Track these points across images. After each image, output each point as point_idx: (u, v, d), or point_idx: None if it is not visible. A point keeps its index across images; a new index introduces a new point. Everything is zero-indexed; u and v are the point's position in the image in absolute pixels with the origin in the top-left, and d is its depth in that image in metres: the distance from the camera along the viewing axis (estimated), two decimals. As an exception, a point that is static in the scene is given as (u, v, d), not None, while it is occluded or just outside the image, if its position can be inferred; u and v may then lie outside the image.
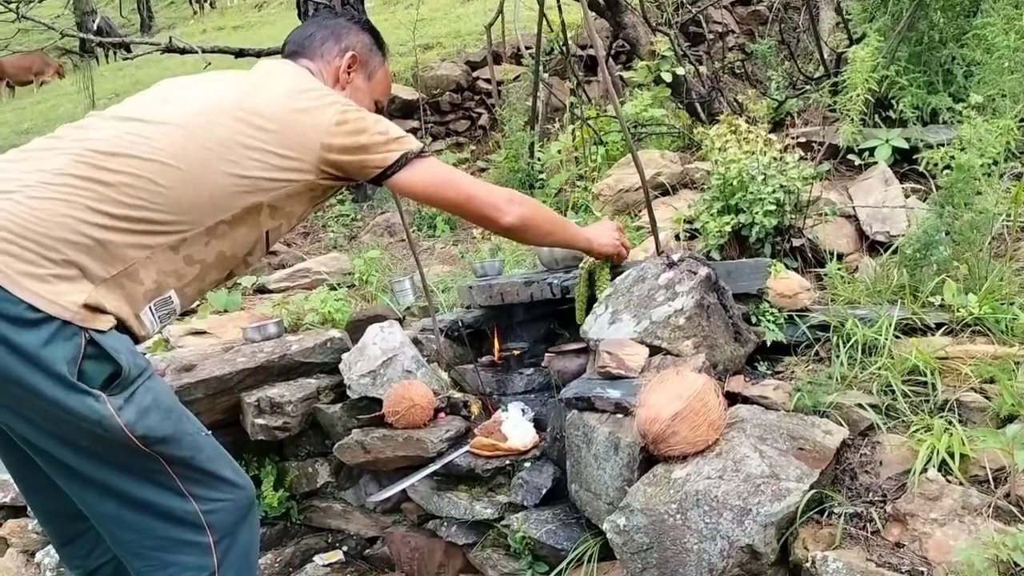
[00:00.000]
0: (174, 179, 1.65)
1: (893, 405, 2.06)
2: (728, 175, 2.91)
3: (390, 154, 1.82)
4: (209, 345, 3.29)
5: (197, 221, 1.68)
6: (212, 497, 1.71)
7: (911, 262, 2.60)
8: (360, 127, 1.80)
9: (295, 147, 1.75)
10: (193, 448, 1.68)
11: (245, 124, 1.73)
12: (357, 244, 5.28)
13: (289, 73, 1.92)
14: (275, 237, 1.85)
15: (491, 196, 1.94)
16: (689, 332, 2.30)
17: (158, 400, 1.64)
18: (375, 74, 2.09)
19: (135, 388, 1.60)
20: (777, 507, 1.73)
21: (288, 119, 1.76)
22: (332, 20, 2.08)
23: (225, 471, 1.75)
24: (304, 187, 1.79)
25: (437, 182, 1.88)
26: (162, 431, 1.62)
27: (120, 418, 1.55)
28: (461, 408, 2.84)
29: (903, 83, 3.50)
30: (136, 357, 1.63)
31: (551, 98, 5.82)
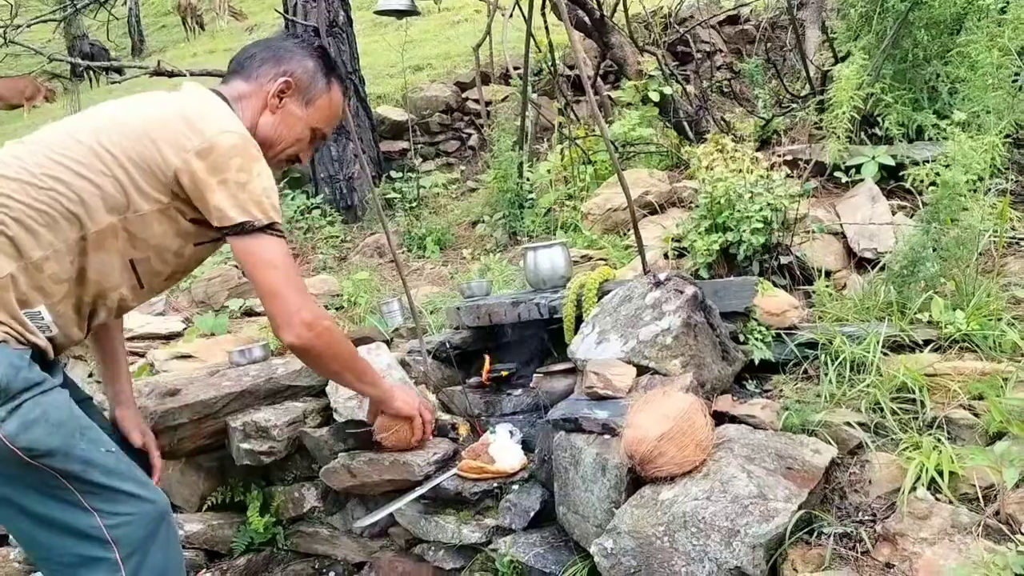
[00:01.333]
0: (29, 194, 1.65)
1: (882, 423, 2.05)
2: (715, 193, 2.91)
3: (234, 213, 1.72)
4: (194, 369, 3.26)
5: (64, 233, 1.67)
6: (115, 511, 1.68)
7: (898, 279, 2.59)
8: (223, 164, 1.72)
9: (149, 165, 1.71)
10: (84, 463, 1.66)
11: (107, 140, 1.72)
12: (346, 265, 5.26)
13: (193, 96, 1.86)
14: (146, 272, 1.80)
15: (291, 307, 1.77)
16: (676, 351, 2.29)
17: (47, 414, 1.62)
18: (315, 101, 1.99)
19: (21, 401, 1.59)
20: (765, 528, 1.70)
21: (152, 136, 1.72)
22: (280, 42, 2.01)
23: (126, 485, 1.71)
24: (160, 214, 1.74)
25: (257, 260, 1.75)
26: (47, 444, 1.60)
27: (1, 430, 1.55)
28: (449, 430, 2.81)
29: (888, 100, 3.52)
30: (22, 371, 1.61)
31: (540, 118, 5.84)
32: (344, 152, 6.24)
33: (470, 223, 5.54)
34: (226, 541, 2.99)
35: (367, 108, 6.62)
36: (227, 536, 3.00)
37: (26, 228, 1.64)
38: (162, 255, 1.80)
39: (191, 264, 1.93)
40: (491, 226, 4.95)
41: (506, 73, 6.98)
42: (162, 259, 1.81)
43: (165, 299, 4.44)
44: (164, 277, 1.86)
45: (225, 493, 3.06)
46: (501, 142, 4.90)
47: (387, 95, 7.78)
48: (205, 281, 4.40)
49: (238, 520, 3.04)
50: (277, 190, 1.83)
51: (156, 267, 1.81)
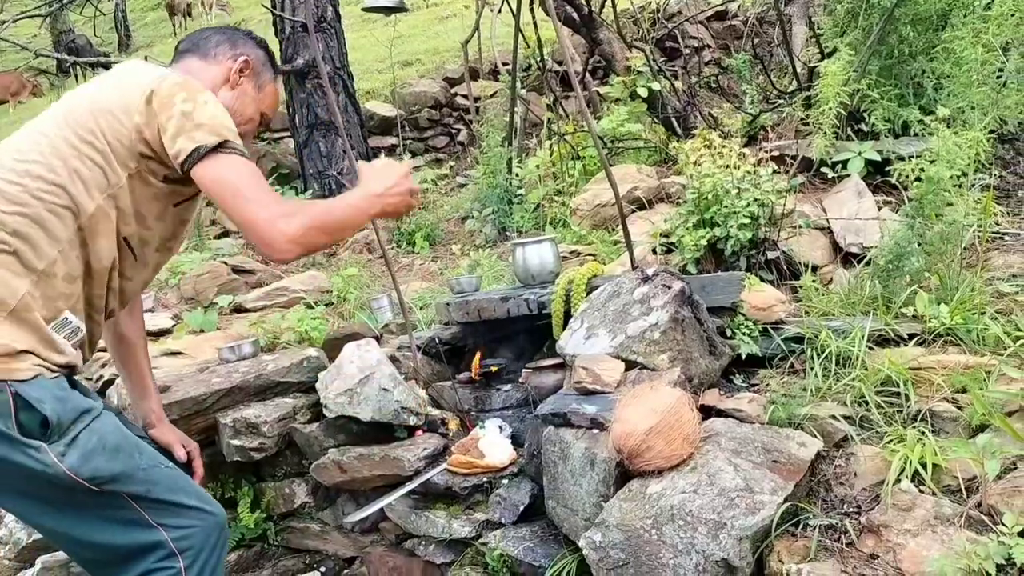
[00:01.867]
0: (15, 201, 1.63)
1: (867, 416, 2.07)
2: (703, 189, 2.92)
3: (185, 143, 1.67)
4: (184, 366, 3.25)
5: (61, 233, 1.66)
6: (180, 524, 1.72)
7: (884, 273, 2.62)
8: (168, 102, 1.70)
9: (113, 134, 1.71)
10: (147, 482, 1.69)
11: (69, 126, 1.72)
12: (336, 261, 5.26)
13: (139, 69, 1.86)
14: (137, 244, 1.80)
15: (268, 232, 1.68)
16: (664, 346, 2.30)
17: (104, 440, 1.64)
18: (265, 87, 2.06)
19: (77, 432, 1.61)
20: (752, 520, 1.72)
21: (108, 108, 1.72)
22: (231, 31, 2.07)
23: (189, 499, 1.76)
24: (134, 180, 1.73)
25: (222, 188, 1.69)
26: (110, 471, 1.63)
27: (63, 464, 1.57)
28: (439, 425, 2.82)
29: (874, 96, 3.54)
30: (69, 401, 1.62)
31: (528, 114, 5.85)
32: (333, 148, 6.24)
33: (459, 219, 5.54)
34: (217, 537, 2.99)
35: (355, 104, 6.61)
36: (218, 532, 2.99)
37: (23, 238, 1.63)
38: (145, 222, 1.79)
39: (176, 229, 1.90)
40: (480, 222, 4.96)
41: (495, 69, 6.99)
42: (146, 226, 1.79)
43: (154, 296, 4.43)
44: (155, 247, 1.85)
45: (215, 489, 3.05)
46: (490, 138, 4.91)
47: (375, 91, 7.77)
48: (194, 277, 4.39)
49: (228, 516, 3.02)
50: (229, 116, 1.78)
51: (144, 236, 1.80)
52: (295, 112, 6.39)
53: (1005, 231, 3.03)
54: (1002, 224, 3.07)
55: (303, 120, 6.30)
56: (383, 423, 2.77)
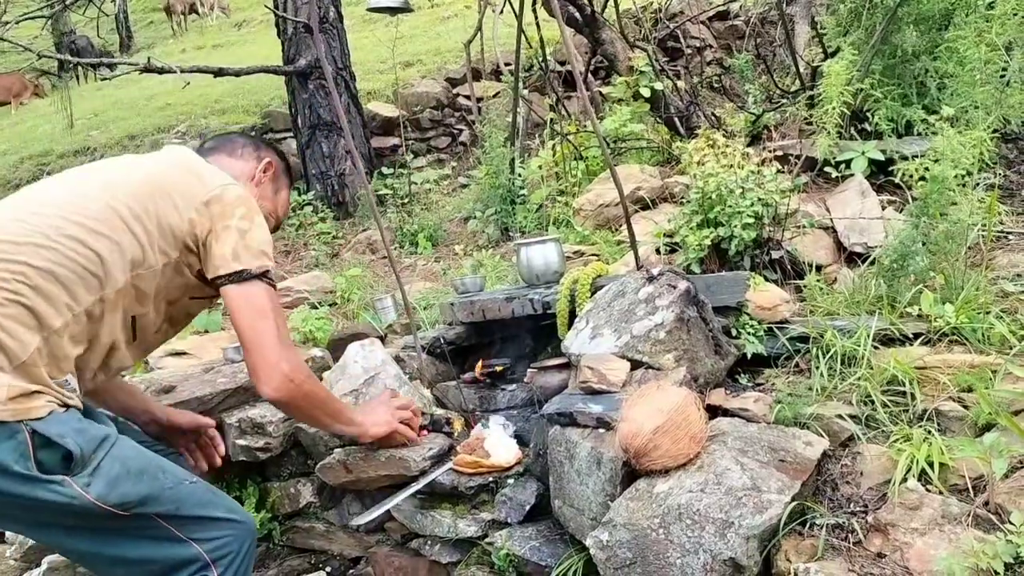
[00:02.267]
0: (46, 258, 1.64)
1: (873, 415, 2.08)
2: (707, 189, 2.93)
3: (233, 260, 1.76)
4: (189, 366, 3.26)
5: (78, 298, 1.67)
6: (212, 536, 1.75)
7: (888, 273, 2.62)
8: (228, 212, 1.79)
9: (165, 218, 1.75)
10: (175, 501, 1.71)
11: (121, 195, 1.74)
12: (339, 262, 5.27)
13: (189, 154, 1.94)
14: (143, 326, 1.82)
15: (272, 359, 1.79)
16: (670, 346, 2.31)
17: (127, 466, 1.65)
18: (280, 191, 2.20)
19: (99, 461, 1.62)
20: (759, 519, 1.73)
21: (165, 190, 1.77)
22: (255, 139, 2.21)
23: (217, 512, 1.78)
24: (168, 268, 1.78)
25: (248, 309, 1.78)
26: (138, 495, 1.65)
27: (90, 495, 1.58)
28: (444, 425, 2.82)
29: (878, 96, 3.55)
30: (88, 432, 1.64)
31: (531, 114, 5.85)
32: (335, 148, 6.25)
33: (462, 219, 5.55)
34: (222, 537, 2.99)
35: (358, 104, 6.62)
36: (223, 532, 3.00)
37: (44, 296, 1.63)
38: (159, 307, 1.83)
39: (180, 318, 1.95)
40: (483, 222, 4.96)
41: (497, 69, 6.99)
42: (158, 311, 1.83)
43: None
44: (155, 330, 1.88)
45: (221, 489, 3.05)
46: (492, 138, 4.91)
47: (377, 91, 7.77)
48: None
49: (234, 516, 3.04)
50: (271, 243, 1.90)
51: (152, 319, 1.84)
52: (297, 113, 6.40)
53: (1009, 230, 3.03)
54: (1006, 223, 3.08)
55: (305, 121, 6.31)
56: (388, 423, 2.77)
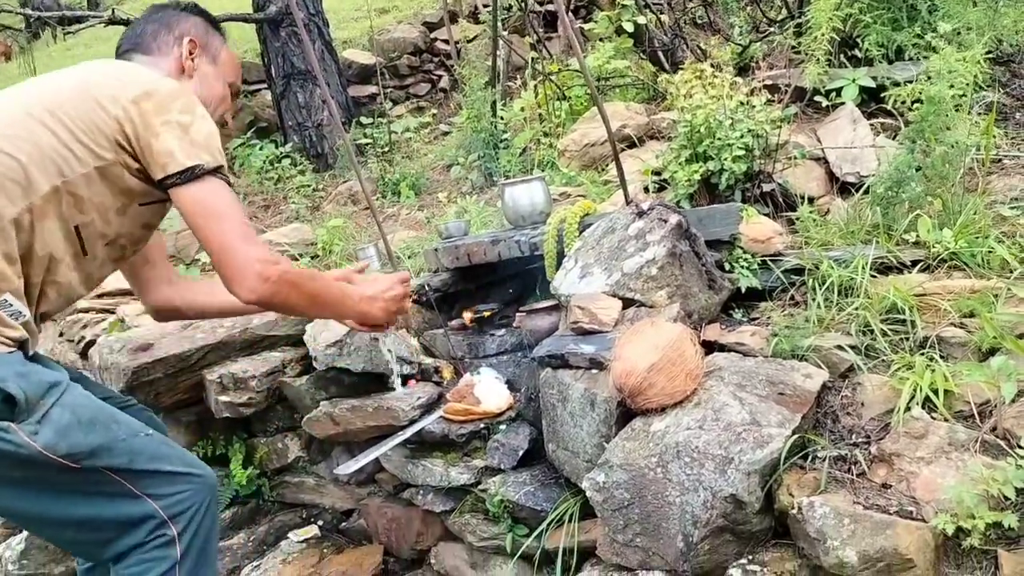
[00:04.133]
0: None
1: (872, 345, 2.02)
2: (695, 122, 2.83)
3: (182, 156, 1.60)
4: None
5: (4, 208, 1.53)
6: (168, 492, 1.64)
7: (883, 201, 2.55)
8: (164, 107, 1.63)
9: (90, 119, 1.61)
10: (129, 453, 1.60)
11: (41, 103, 1.61)
12: (320, 214, 5.14)
13: (132, 67, 1.78)
14: (90, 235, 1.68)
15: (242, 259, 1.62)
16: (662, 282, 2.23)
17: (78, 414, 1.54)
18: (219, 56, 1.96)
19: (47, 409, 1.50)
20: (760, 454, 1.67)
21: (90, 93, 1.63)
22: (160, 12, 1.95)
23: (174, 465, 1.67)
24: (103, 171, 1.63)
25: (206, 210, 1.62)
26: (88, 445, 1.53)
27: (37, 443, 1.47)
28: (432, 374, 2.76)
29: (868, 21, 3.44)
30: (32, 375, 1.52)
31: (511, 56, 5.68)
32: (311, 99, 6.06)
33: (445, 166, 5.41)
34: (210, 495, 2.94)
35: (332, 52, 6.41)
36: (211, 490, 2.95)
37: None
38: (105, 215, 1.68)
39: (135, 229, 1.78)
40: (466, 168, 4.84)
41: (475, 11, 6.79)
42: (105, 219, 1.68)
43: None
44: (107, 241, 1.72)
45: (206, 447, 3.00)
46: (472, 82, 4.76)
47: (353, 39, 7.54)
48: (174, 234, 4.27)
49: (221, 474, 2.98)
50: (218, 135, 1.73)
51: (100, 228, 1.69)
52: (270, 62, 6.19)
53: (1005, 154, 2.95)
54: (1002, 147, 3.00)
55: (279, 70, 6.11)
56: (376, 374, 2.70)
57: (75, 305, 3.61)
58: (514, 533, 2.27)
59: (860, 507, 1.57)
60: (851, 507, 1.56)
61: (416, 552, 2.66)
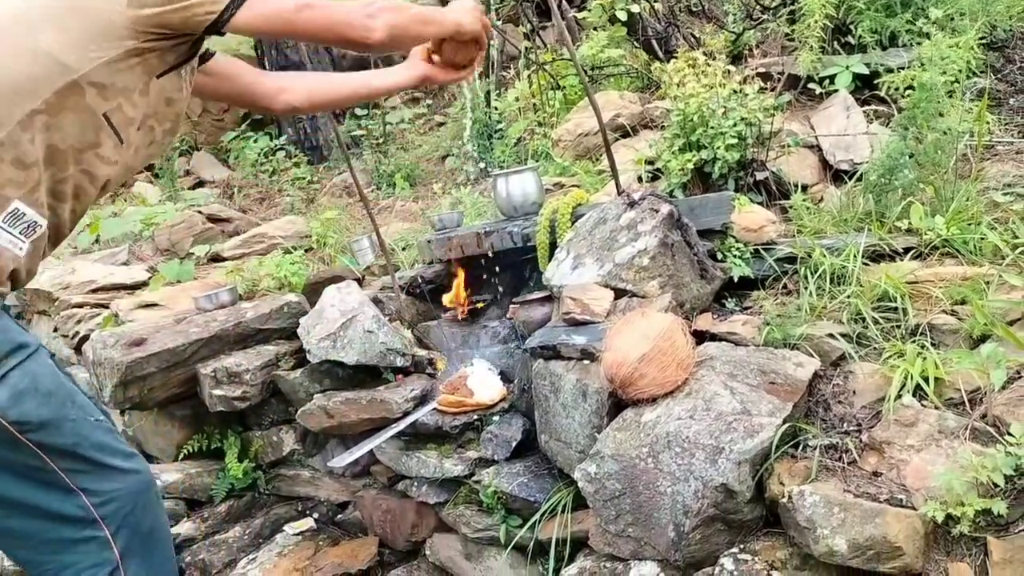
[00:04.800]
0: None
1: (864, 333, 2.01)
2: (688, 111, 2.82)
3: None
4: (161, 317, 3.16)
5: (4, 117, 1.46)
6: (102, 489, 1.58)
7: (876, 188, 2.54)
8: None
9: (95, 13, 1.53)
10: (75, 435, 1.54)
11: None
12: (315, 207, 5.13)
13: None
14: (123, 121, 1.62)
15: (350, 15, 1.65)
16: (654, 272, 2.23)
17: (36, 382, 1.48)
18: None
19: (8, 369, 1.44)
20: (750, 444, 1.67)
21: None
22: None
23: (114, 459, 1.61)
24: (127, 56, 1.56)
25: (286, 13, 1.61)
26: (39, 416, 1.47)
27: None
28: (426, 365, 2.76)
29: (861, 7, 3.42)
30: (8, 332, 1.47)
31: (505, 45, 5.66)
32: (305, 90, 6.06)
33: (439, 158, 5.40)
34: (206, 489, 2.94)
35: (326, 44, 6.40)
36: (207, 484, 2.95)
37: None
38: (130, 98, 1.61)
39: (160, 107, 1.70)
40: (460, 159, 4.83)
41: (468, 1, 6.74)
42: (131, 102, 1.61)
43: (128, 248, 4.31)
44: (137, 125, 1.65)
45: (201, 441, 3.00)
46: (466, 71, 4.74)
47: (347, 31, 7.52)
48: (168, 228, 4.27)
49: (217, 467, 2.99)
50: None
51: (129, 113, 1.62)
52: (263, 55, 6.19)
53: (998, 139, 2.94)
54: (995, 133, 2.99)
55: (272, 63, 6.09)
56: (369, 366, 2.71)
57: (69, 300, 3.61)
58: (508, 524, 2.27)
59: (850, 495, 1.56)
60: (841, 495, 1.56)
61: (411, 544, 2.66)
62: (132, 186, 5.94)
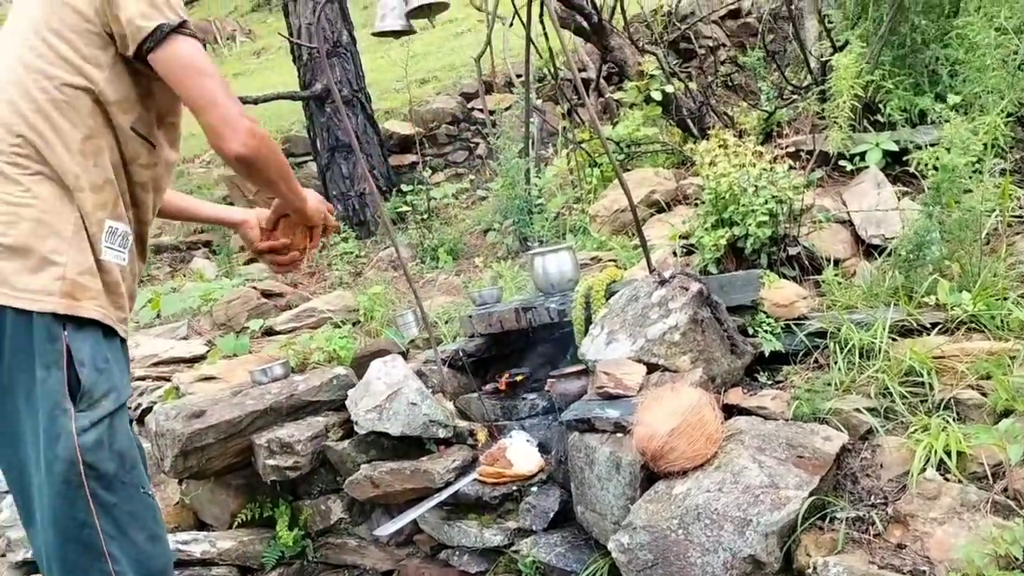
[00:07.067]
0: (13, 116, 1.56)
1: (891, 407, 2.07)
2: (719, 189, 2.93)
3: (144, 21, 1.56)
4: (218, 390, 3.32)
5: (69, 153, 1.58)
6: (124, 558, 1.59)
7: (905, 263, 2.61)
8: None
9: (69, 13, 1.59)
10: (121, 497, 1.59)
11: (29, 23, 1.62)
12: (362, 280, 5.32)
13: None
14: (147, 126, 1.71)
15: (234, 112, 1.61)
16: (685, 348, 2.32)
17: (115, 438, 1.57)
18: None
19: (104, 415, 1.55)
20: (777, 516, 1.73)
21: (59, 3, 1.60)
22: None
23: (140, 535, 1.63)
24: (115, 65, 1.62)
25: (186, 67, 1.60)
26: (104, 469, 1.55)
27: (77, 439, 1.50)
28: (467, 437, 2.86)
29: (889, 86, 3.53)
30: (107, 376, 1.56)
31: (545, 124, 5.88)
32: (354, 169, 6.32)
33: (481, 231, 5.58)
34: (257, 556, 3.05)
35: (374, 124, 6.69)
36: (258, 551, 3.05)
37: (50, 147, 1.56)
38: (144, 103, 1.70)
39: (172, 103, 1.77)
40: (501, 233, 4.99)
41: (509, 81, 7.03)
42: (145, 106, 1.71)
43: (187, 323, 4.52)
44: (157, 124, 1.75)
45: (254, 509, 3.12)
46: (507, 150, 4.94)
47: (394, 110, 7.85)
48: (225, 304, 4.48)
49: (268, 535, 3.10)
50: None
51: (147, 118, 1.72)
52: (316, 136, 6.49)
53: (1027, 214, 3.00)
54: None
55: (324, 144, 6.39)
56: (413, 437, 2.81)
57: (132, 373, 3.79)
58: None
59: (875, 567, 1.61)
60: (866, 567, 1.61)
61: (453, 613, 2.72)
62: (191, 262, 6.23)
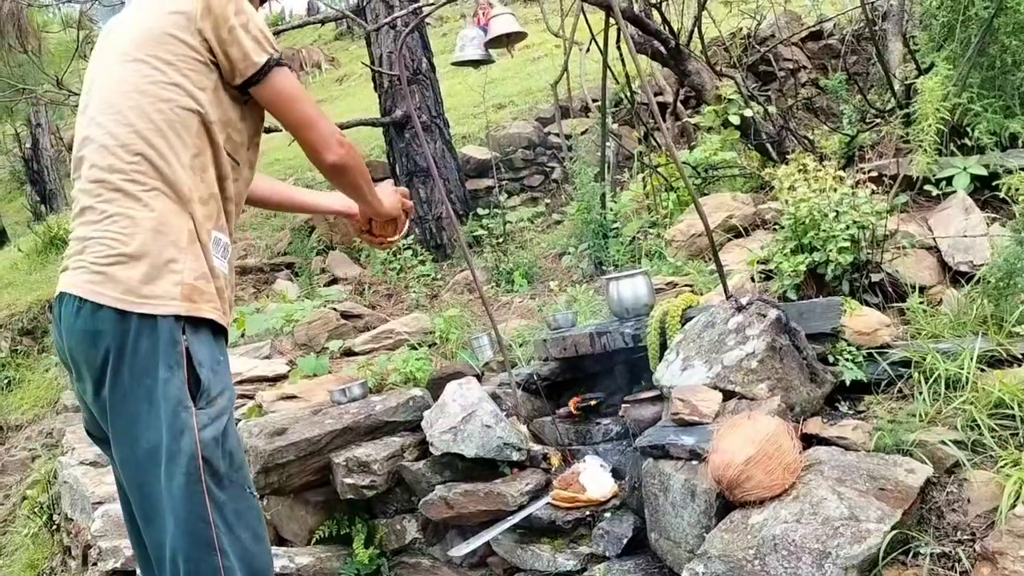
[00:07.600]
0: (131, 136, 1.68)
1: (979, 440, 2.00)
2: (799, 214, 2.89)
3: (256, 56, 1.74)
4: (299, 409, 3.43)
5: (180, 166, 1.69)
6: (232, 554, 1.65)
7: (995, 291, 2.53)
8: (225, 16, 1.73)
9: (177, 44, 1.73)
10: (228, 495, 1.66)
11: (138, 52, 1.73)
12: (438, 303, 5.41)
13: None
14: (236, 147, 1.83)
15: (327, 130, 1.83)
16: (762, 375, 2.29)
17: (227, 437, 1.65)
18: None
19: (220, 412, 1.64)
20: (857, 549, 1.69)
21: (164, 22, 1.74)
22: None
23: (246, 533, 1.70)
24: (216, 88, 1.76)
25: (287, 97, 1.80)
26: (217, 467, 1.63)
27: (199, 434, 1.58)
28: (541, 460, 2.87)
29: (977, 109, 3.43)
30: (222, 375, 1.66)
31: (621, 148, 5.89)
32: (432, 193, 6.44)
33: (556, 255, 5.61)
34: (334, 573, 3.11)
35: (452, 150, 6.82)
36: (335, 568, 3.12)
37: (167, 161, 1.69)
38: (236, 125, 1.83)
39: (258, 124, 1.93)
40: (577, 257, 5.01)
41: (586, 106, 7.08)
42: (236, 129, 1.83)
43: (270, 343, 4.67)
44: (247, 146, 1.89)
45: (331, 527, 3.19)
46: (583, 174, 4.97)
47: (471, 135, 7.98)
48: (306, 325, 4.61)
49: (344, 552, 3.17)
50: None
51: (236, 139, 1.84)
52: (395, 161, 6.65)
53: None
54: (1126, 234, 2.90)
55: (403, 168, 6.54)
56: (487, 459, 2.84)
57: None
58: (619, 621, 2.31)
59: (962, 607, 1.56)
60: (952, 607, 1.56)
61: (525, 636, 2.72)
62: (274, 283, 6.44)
